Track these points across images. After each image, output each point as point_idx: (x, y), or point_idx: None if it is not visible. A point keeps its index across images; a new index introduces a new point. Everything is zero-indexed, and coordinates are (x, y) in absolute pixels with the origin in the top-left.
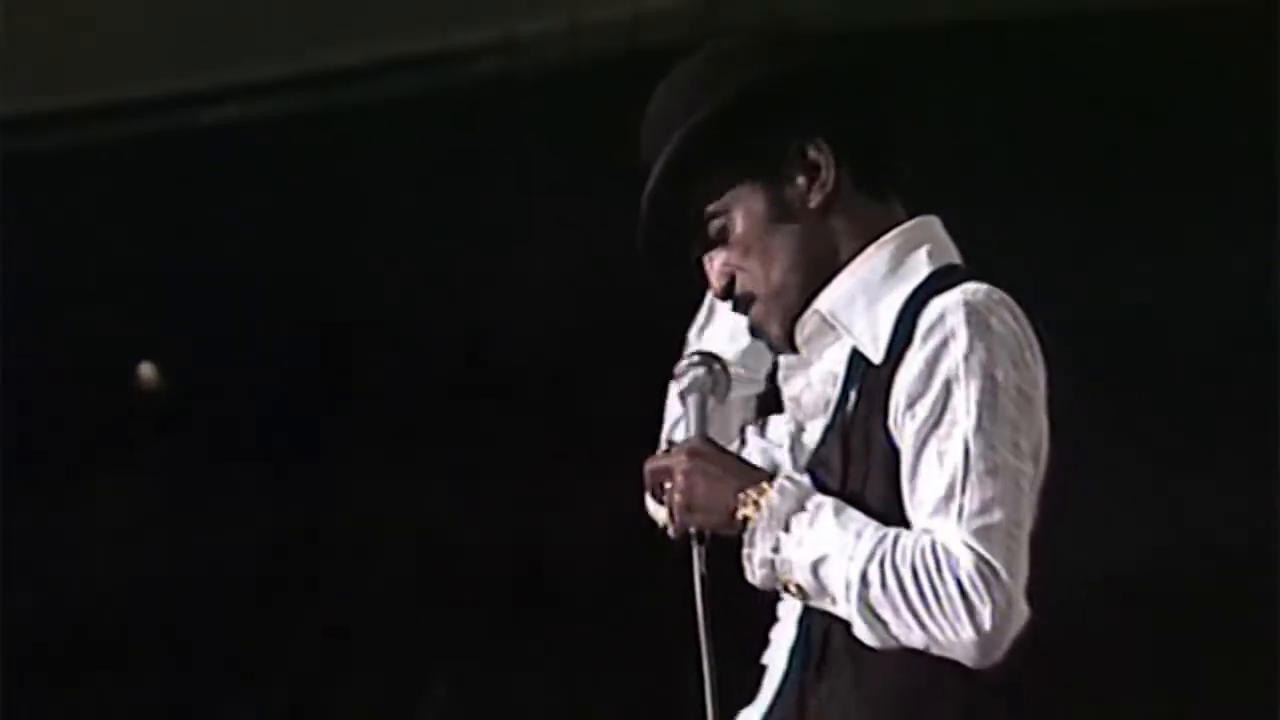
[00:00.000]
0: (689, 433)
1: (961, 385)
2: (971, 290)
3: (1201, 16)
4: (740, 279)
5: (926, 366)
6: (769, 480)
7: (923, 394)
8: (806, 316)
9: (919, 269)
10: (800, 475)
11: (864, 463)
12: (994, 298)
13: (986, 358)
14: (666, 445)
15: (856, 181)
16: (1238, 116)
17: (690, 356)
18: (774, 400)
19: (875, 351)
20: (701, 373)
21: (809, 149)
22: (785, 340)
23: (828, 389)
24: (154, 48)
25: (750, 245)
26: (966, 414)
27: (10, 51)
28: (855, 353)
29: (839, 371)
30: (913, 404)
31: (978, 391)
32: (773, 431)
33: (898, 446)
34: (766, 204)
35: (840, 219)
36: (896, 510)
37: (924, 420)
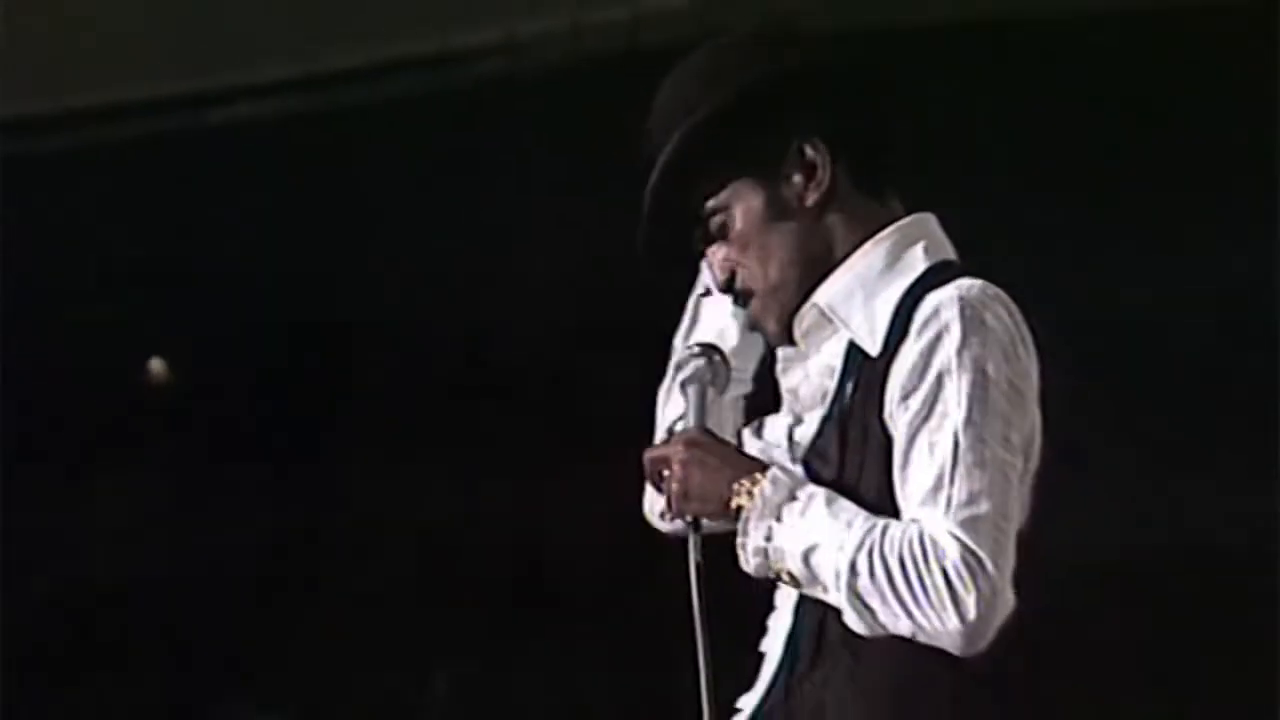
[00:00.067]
0: (688, 423)
1: (953, 378)
2: (966, 286)
3: (1201, 16)
4: (740, 274)
5: (921, 359)
6: (763, 471)
7: (916, 386)
8: (805, 310)
9: (915, 264)
10: (794, 466)
11: (860, 453)
12: (988, 293)
13: (979, 352)
14: (665, 435)
15: (854, 180)
16: (1238, 116)
17: (691, 347)
18: (766, 402)
19: (872, 344)
20: (702, 364)
21: (806, 148)
22: (783, 334)
23: (825, 381)
24: (156, 49)
25: (749, 241)
26: (957, 407)
27: (10, 52)
28: (852, 346)
29: (836, 364)
30: (906, 396)
31: (969, 385)
32: (770, 432)
33: (893, 437)
34: (764, 201)
35: (837, 217)
36: (891, 500)
37: (916, 412)
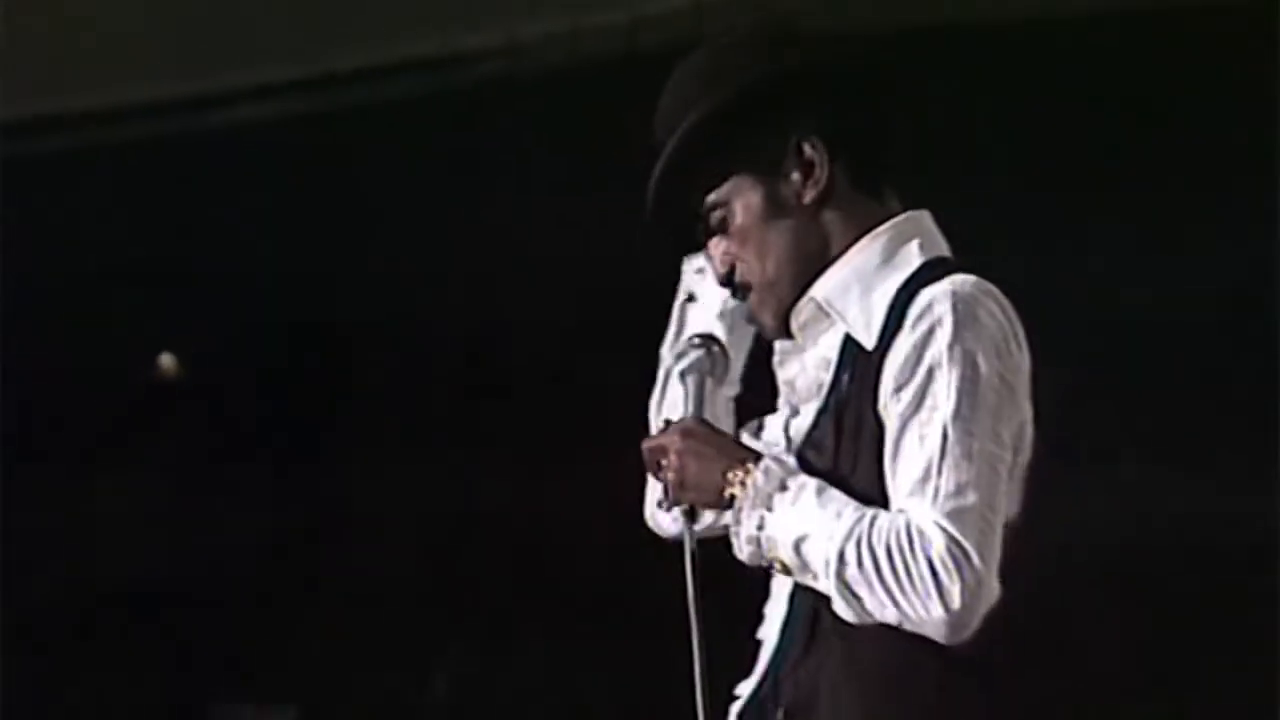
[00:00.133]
0: (685, 412)
1: (944, 372)
2: (960, 281)
3: (1201, 16)
4: (739, 268)
5: (914, 352)
6: (756, 460)
7: (908, 379)
8: (803, 304)
9: (911, 260)
10: (787, 456)
11: (854, 444)
12: (981, 289)
13: (970, 346)
14: (663, 424)
15: (852, 179)
16: (1238, 116)
17: (691, 338)
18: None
19: (868, 338)
20: (701, 354)
21: (805, 147)
22: (779, 328)
23: (821, 374)
24: (158, 50)
25: (747, 237)
26: (947, 399)
27: (10, 52)
28: (848, 339)
29: (832, 357)
30: (899, 388)
31: (959, 379)
32: (769, 433)
33: (886, 428)
34: (763, 198)
35: (834, 214)
36: (884, 490)
37: (907, 404)
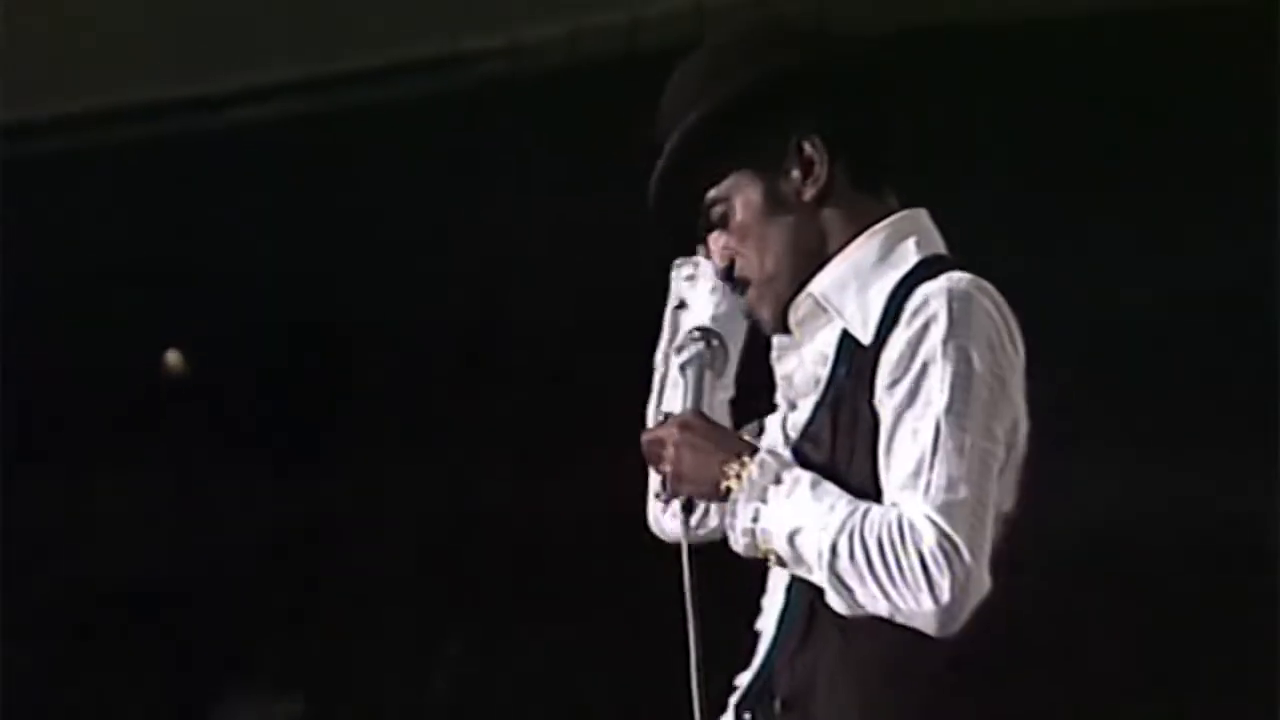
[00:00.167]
0: (684, 405)
1: (938, 367)
2: (955, 278)
3: (1201, 16)
4: (738, 262)
5: (908, 348)
6: (751, 454)
7: (903, 374)
8: (801, 299)
9: (908, 257)
10: (783, 450)
11: (850, 437)
12: (976, 286)
13: (964, 342)
14: (662, 417)
15: (852, 177)
16: (1238, 116)
17: (691, 331)
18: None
19: (865, 333)
20: (701, 347)
21: (805, 145)
22: (777, 323)
23: (818, 369)
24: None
25: (747, 232)
26: (940, 394)
27: (10, 53)
28: (845, 334)
29: (829, 352)
30: (893, 383)
31: (953, 374)
32: (769, 436)
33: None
34: (763, 195)
35: (833, 211)
36: (880, 483)
37: (901, 398)
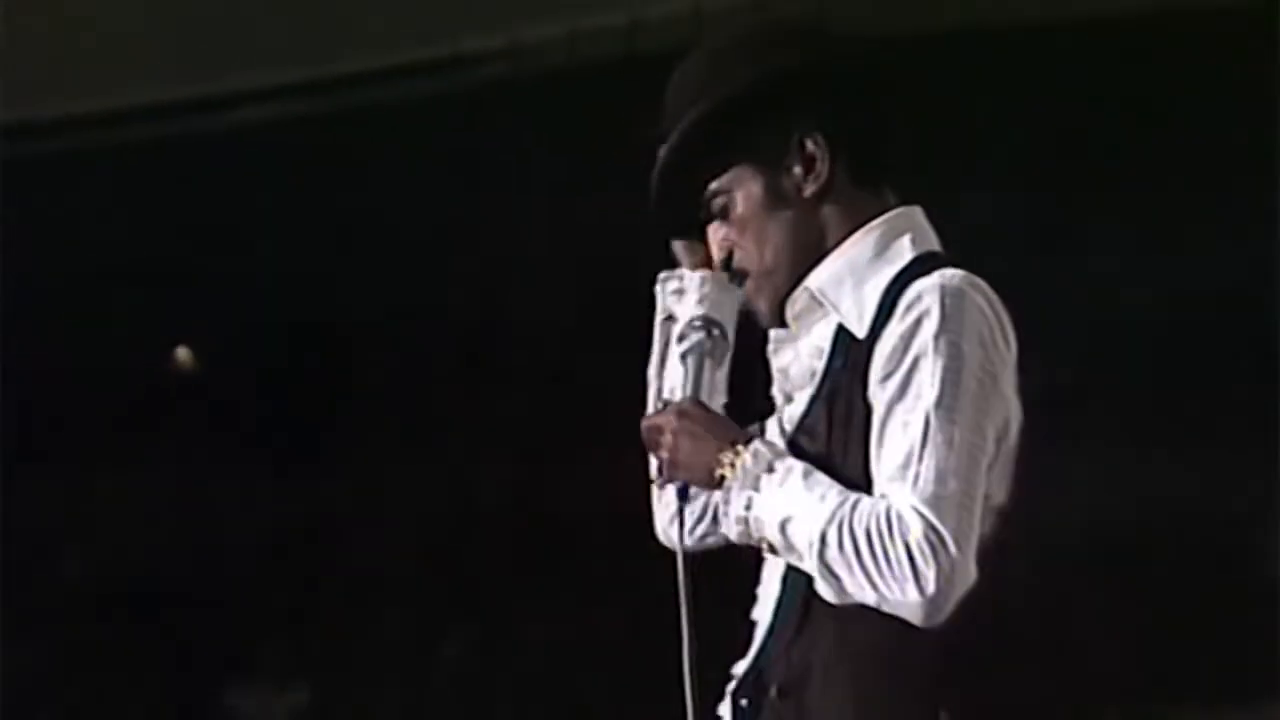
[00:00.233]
0: (683, 393)
1: (929, 361)
2: (949, 275)
3: (1201, 17)
4: (737, 254)
5: (901, 342)
6: (746, 443)
7: (895, 368)
8: (797, 294)
9: (903, 254)
10: (778, 440)
11: (845, 430)
12: (969, 283)
13: (956, 338)
14: (661, 404)
15: (852, 175)
16: (1238, 116)
17: (693, 321)
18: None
19: (860, 328)
20: (702, 336)
21: (807, 142)
22: (774, 316)
23: (814, 362)
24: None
25: (747, 225)
26: (931, 388)
27: (10, 53)
28: (840, 329)
29: (825, 346)
30: (886, 376)
31: (943, 369)
32: (768, 436)
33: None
34: (764, 189)
35: (832, 208)
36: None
37: (893, 391)
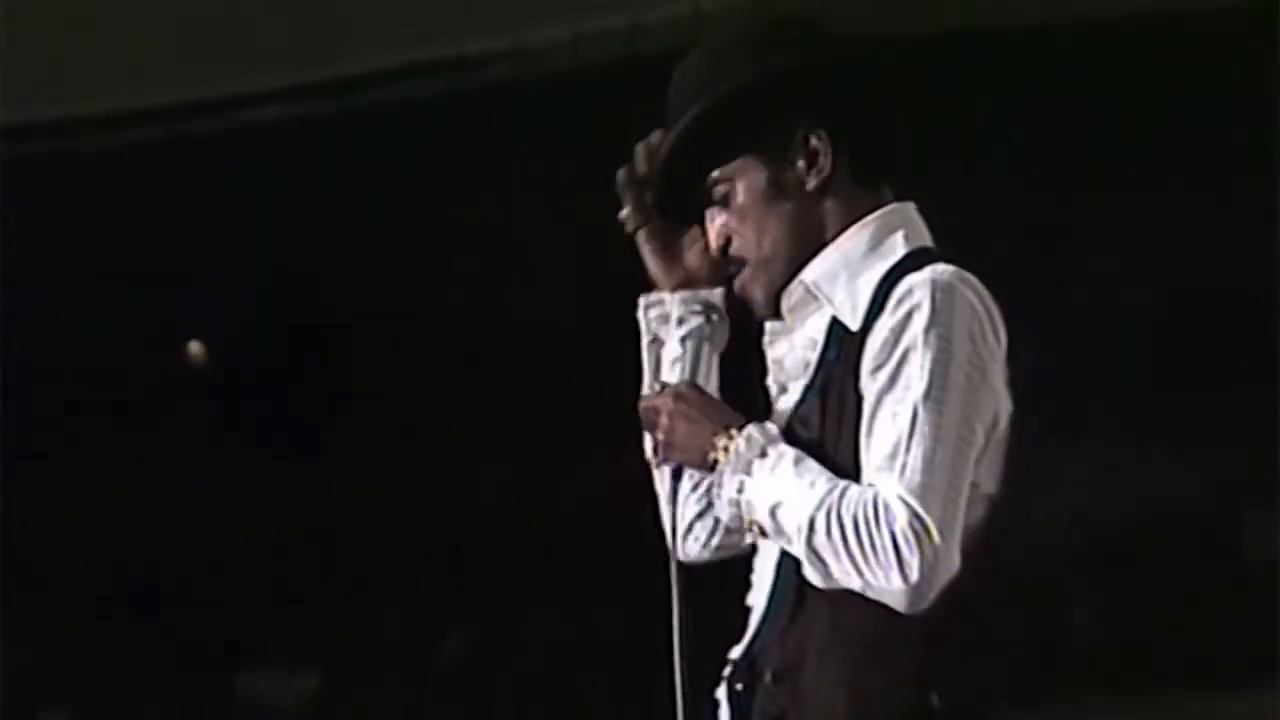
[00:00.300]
0: (681, 376)
1: (919, 354)
2: (940, 270)
3: (1201, 17)
4: (735, 243)
5: (892, 335)
6: (739, 427)
7: (885, 360)
8: (793, 286)
9: (896, 249)
10: (771, 426)
11: (838, 420)
12: (959, 278)
13: (945, 331)
14: (659, 386)
15: (853, 171)
16: (1238, 116)
17: (692, 305)
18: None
19: (853, 320)
20: (700, 320)
21: (812, 138)
22: (769, 307)
23: (808, 353)
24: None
25: (747, 214)
26: (920, 380)
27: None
28: (834, 321)
29: (819, 338)
30: (876, 368)
31: (932, 362)
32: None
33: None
34: (767, 181)
35: (832, 202)
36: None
37: (883, 383)
